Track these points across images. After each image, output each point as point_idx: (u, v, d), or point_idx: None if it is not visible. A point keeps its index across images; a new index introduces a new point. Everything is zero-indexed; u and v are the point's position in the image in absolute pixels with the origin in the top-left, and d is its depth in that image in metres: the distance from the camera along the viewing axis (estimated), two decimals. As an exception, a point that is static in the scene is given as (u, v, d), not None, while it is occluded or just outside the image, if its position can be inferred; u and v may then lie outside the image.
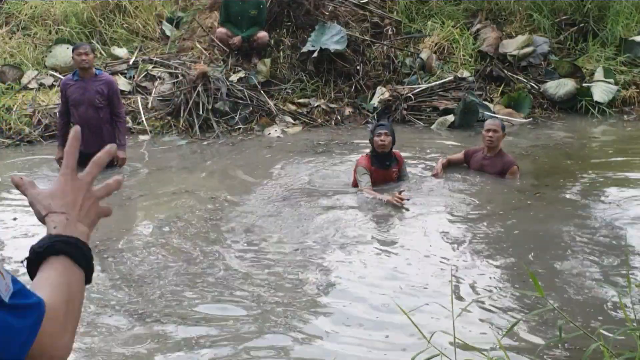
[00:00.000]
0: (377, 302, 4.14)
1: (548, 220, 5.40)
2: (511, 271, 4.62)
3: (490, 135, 6.33)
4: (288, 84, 8.94)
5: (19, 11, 9.60)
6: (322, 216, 5.64)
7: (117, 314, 4.06)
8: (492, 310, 4.05)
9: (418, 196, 6.02)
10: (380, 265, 4.70)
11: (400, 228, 5.37)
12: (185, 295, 4.26)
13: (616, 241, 5.02)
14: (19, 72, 8.76)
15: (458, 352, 2.40)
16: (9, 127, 8.03)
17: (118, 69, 8.91)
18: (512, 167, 6.32)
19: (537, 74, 9.49)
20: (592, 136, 8.43)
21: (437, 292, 4.22)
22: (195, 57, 9.02)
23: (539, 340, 3.66)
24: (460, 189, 6.17)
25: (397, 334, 3.74)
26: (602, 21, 10.08)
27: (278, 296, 4.27)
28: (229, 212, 5.78)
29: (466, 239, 5.16)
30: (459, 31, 9.70)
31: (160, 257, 4.88)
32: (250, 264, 4.74)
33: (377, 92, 8.98)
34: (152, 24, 9.67)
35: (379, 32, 9.68)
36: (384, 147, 6.09)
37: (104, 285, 4.45)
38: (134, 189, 6.40)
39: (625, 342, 3.34)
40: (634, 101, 9.34)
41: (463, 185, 6.27)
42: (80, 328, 3.92)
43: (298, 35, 9.31)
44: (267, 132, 8.29)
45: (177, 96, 8.46)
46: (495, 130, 6.33)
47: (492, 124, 6.45)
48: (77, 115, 6.70)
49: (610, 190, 6.15)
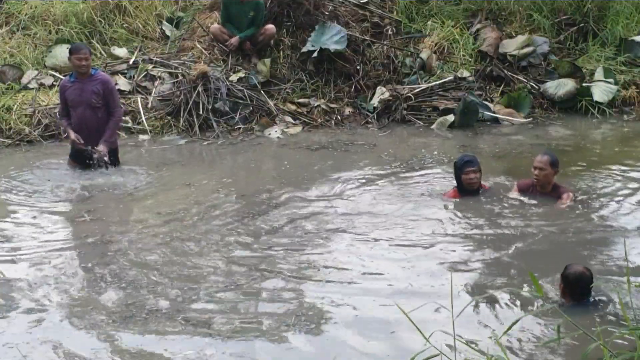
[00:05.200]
0: (377, 302, 4.14)
1: (547, 220, 5.40)
2: (511, 271, 4.62)
3: (536, 174, 5.64)
4: (288, 84, 8.94)
5: (19, 11, 9.59)
6: (324, 215, 5.64)
7: (120, 309, 4.06)
8: (492, 310, 4.05)
9: (419, 197, 6.02)
10: (380, 265, 4.70)
11: (401, 228, 5.36)
12: (182, 290, 4.27)
13: (616, 241, 5.02)
14: (19, 72, 8.75)
15: (458, 352, 2.40)
16: (9, 127, 8.03)
17: (118, 69, 8.90)
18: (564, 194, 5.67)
19: (537, 74, 9.47)
20: (592, 136, 8.43)
21: (437, 292, 4.23)
22: (195, 57, 9.02)
23: (538, 339, 3.66)
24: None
25: (397, 333, 3.74)
26: (602, 21, 10.07)
27: (278, 295, 4.27)
28: (229, 209, 5.78)
29: (466, 239, 5.16)
30: (459, 31, 9.69)
31: (161, 254, 4.88)
32: (250, 261, 4.74)
33: (377, 92, 8.97)
34: (152, 24, 9.66)
35: (379, 32, 9.67)
36: (473, 185, 5.77)
37: (105, 280, 4.45)
38: (134, 187, 6.40)
39: (625, 342, 3.34)
40: (634, 101, 9.33)
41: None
42: (83, 326, 3.93)
43: (298, 35, 9.30)
44: (267, 132, 8.29)
45: (177, 96, 8.46)
46: (542, 168, 5.60)
47: (539, 161, 5.64)
48: (75, 115, 6.70)
49: (610, 190, 6.15)
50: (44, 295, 4.33)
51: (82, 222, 5.61)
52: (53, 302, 4.24)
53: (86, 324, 3.95)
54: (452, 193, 5.89)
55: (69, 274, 4.64)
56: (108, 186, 6.42)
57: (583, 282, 3.93)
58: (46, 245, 5.13)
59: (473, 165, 5.75)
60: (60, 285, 4.47)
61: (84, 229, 5.45)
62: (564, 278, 4.00)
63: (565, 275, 3.99)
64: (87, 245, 5.16)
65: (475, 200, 5.80)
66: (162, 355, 3.62)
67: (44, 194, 6.27)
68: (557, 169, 5.68)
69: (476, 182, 5.78)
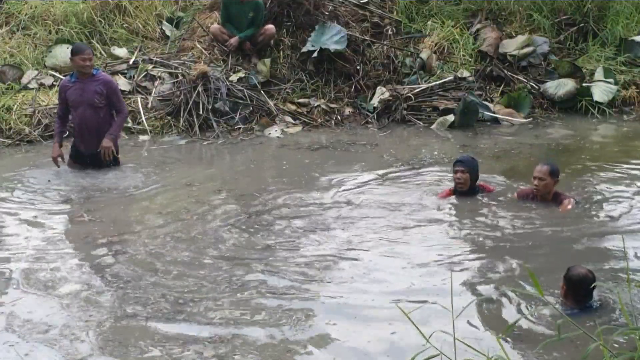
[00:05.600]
0: (377, 302, 4.14)
1: (547, 220, 5.40)
2: (511, 270, 4.62)
3: (536, 184, 5.51)
4: (288, 84, 8.94)
5: (19, 11, 9.60)
6: (324, 215, 5.65)
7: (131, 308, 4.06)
8: (492, 310, 4.05)
9: (420, 198, 6.02)
10: (380, 265, 4.70)
11: (401, 228, 5.36)
12: (182, 290, 4.27)
13: (615, 241, 5.01)
14: (19, 72, 8.76)
15: (458, 352, 2.40)
16: (9, 127, 8.04)
17: (118, 69, 8.91)
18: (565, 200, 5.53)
19: (537, 74, 9.48)
20: (592, 136, 8.43)
21: (437, 292, 4.23)
22: (195, 57, 9.02)
23: (538, 339, 3.66)
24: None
25: (396, 333, 3.74)
26: (602, 21, 10.08)
27: (278, 295, 4.27)
28: (229, 209, 5.78)
29: (466, 239, 5.16)
30: (459, 31, 9.70)
31: (161, 254, 4.88)
32: (250, 261, 4.74)
33: (377, 92, 8.98)
34: (152, 24, 9.67)
35: (379, 32, 9.67)
36: (461, 186, 5.71)
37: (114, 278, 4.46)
38: (134, 187, 6.40)
39: (625, 342, 3.34)
40: (634, 101, 9.34)
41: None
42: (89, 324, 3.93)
43: (298, 35, 9.31)
44: (267, 132, 8.29)
45: (177, 96, 8.46)
46: (541, 178, 5.45)
47: (539, 170, 5.49)
48: (76, 116, 6.70)
49: (610, 190, 6.15)
50: (43, 295, 4.33)
51: (82, 222, 5.61)
52: (52, 301, 4.24)
53: (86, 324, 3.95)
54: (446, 192, 5.88)
55: (69, 273, 4.64)
56: (108, 186, 6.42)
57: (586, 284, 3.91)
58: (46, 245, 5.14)
59: (461, 165, 5.72)
60: (60, 285, 4.47)
61: (84, 229, 5.45)
62: (567, 280, 3.97)
63: (569, 277, 3.96)
64: (87, 245, 5.16)
65: (474, 201, 5.80)
66: (162, 355, 3.63)
67: (44, 193, 6.27)
68: (557, 179, 5.54)
69: (461, 183, 5.71)
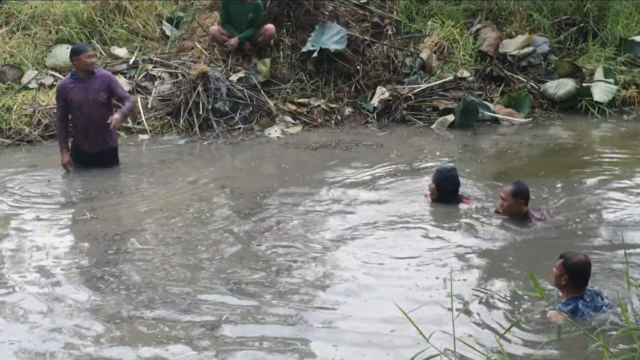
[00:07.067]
0: (377, 303, 4.15)
1: (547, 220, 5.40)
2: (511, 271, 4.63)
3: (500, 204, 5.38)
4: (288, 84, 8.94)
5: (19, 11, 9.60)
6: (324, 215, 5.65)
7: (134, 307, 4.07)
8: (492, 310, 4.05)
9: (420, 198, 6.03)
10: (379, 264, 4.71)
11: (401, 228, 5.37)
12: (184, 290, 4.27)
13: (615, 241, 5.02)
14: (19, 72, 8.76)
15: (458, 352, 2.40)
16: (9, 127, 8.04)
17: (118, 68, 8.90)
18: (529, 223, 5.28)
19: (537, 74, 9.48)
20: (592, 136, 8.43)
21: (437, 292, 4.23)
22: (195, 57, 9.02)
23: (538, 340, 3.67)
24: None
25: (396, 334, 3.75)
26: (602, 21, 10.07)
27: (279, 296, 4.27)
28: (229, 208, 5.79)
29: (466, 239, 5.16)
30: (459, 31, 9.70)
31: (162, 253, 4.89)
32: (250, 261, 4.75)
33: (377, 92, 8.98)
34: (152, 24, 9.66)
35: (379, 32, 9.67)
36: (430, 195, 5.78)
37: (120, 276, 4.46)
38: (134, 187, 6.41)
39: (625, 342, 3.35)
40: (634, 101, 9.33)
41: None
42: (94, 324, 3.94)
43: (298, 35, 9.30)
44: (267, 132, 8.29)
45: (177, 96, 8.46)
46: (504, 198, 5.27)
47: (503, 190, 5.37)
48: (81, 115, 6.69)
49: (610, 190, 6.16)
50: (44, 295, 4.33)
51: (83, 222, 5.61)
52: (54, 301, 4.25)
53: (87, 324, 3.96)
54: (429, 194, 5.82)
55: (71, 273, 4.64)
56: (109, 185, 6.43)
57: (588, 270, 3.90)
58: (47, 245, 5.14)
59: (432, 176, 5.80)
60: (62, 284, 4.48)
61: (86, 228, 5.46)
62: (568, 268, 3.88)
63: (571, 265, 3.87)
64: (89, 244, 5.17)
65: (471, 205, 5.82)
66: (163, 356, 3.63)
67: (45, 193, 6.28)
68: (522, 201, 5.22)
69: (430, 193, 5.75)
